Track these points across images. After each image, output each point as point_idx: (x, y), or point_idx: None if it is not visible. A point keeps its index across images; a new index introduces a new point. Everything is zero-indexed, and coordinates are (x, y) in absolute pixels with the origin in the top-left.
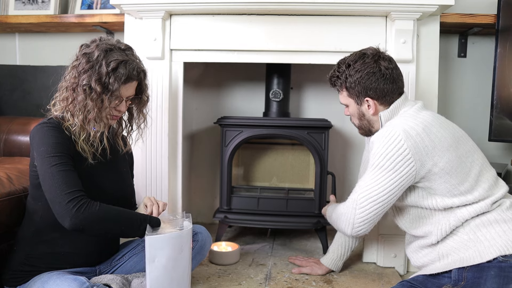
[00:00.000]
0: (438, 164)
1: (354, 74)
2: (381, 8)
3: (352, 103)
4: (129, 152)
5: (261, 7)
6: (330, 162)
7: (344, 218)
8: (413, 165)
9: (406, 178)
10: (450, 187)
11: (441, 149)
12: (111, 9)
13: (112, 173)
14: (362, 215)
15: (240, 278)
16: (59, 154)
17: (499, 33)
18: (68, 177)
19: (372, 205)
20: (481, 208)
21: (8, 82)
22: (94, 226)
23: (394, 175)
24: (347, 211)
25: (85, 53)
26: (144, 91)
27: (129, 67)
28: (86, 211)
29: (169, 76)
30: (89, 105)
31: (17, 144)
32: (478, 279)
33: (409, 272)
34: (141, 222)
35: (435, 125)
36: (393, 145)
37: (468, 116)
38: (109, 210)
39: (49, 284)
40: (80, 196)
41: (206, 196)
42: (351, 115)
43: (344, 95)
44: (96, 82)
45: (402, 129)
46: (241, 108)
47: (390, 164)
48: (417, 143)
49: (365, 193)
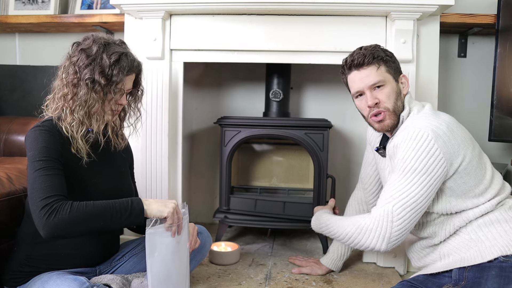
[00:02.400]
0: (463, 164)
1: (386, 51)
2: (381, 8)
3: (390, 80)
4: (128, 149)
5: (261, 7)
6: (330, 163)
7: (375, 234)
8: (445, 165)
9: (440, 179)
10: (467, 189)
11: (464, 147)
12: (111, 9)
13: (109, 173)
14: (401, 226)
15: (240, 278)
16: (44, 159)
17: (499, 33)
18: (48, 181)
19: (411, 213)
20: (486, 209)
21: (8, 82)
22: (70, 231)
23: (429, 178)
24: (379, 225)
25: (82, 49)
26: (139, 84)
27: (130, 59)
28: (56, 217)
29: (169, 76)
30: (92, 98)
31: (17, 144)
32: (479, 279)
33: (409, 272)
34: (122, 212)
35: (455, 124)
36: (423, 146)
37: (468, 116)
38: (82, 209)
39: (49, 284)
40: (53, 202)
41: (206, 196)
42: (387, 96)
43: (383, 70)
44: (99, 74)
45: (430, 129)
46: (241, 108)
47: (424, 166)
48: (446, 142)
49: (402, 202)
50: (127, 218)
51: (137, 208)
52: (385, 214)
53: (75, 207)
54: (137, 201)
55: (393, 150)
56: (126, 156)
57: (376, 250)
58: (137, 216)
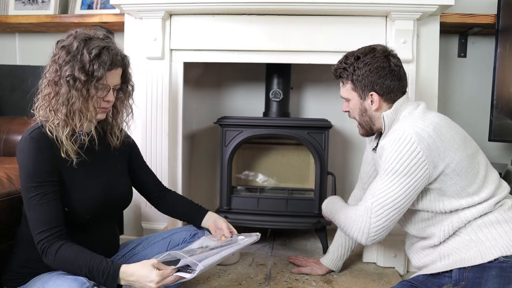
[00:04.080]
0: (450, 165)
1: (363, 67)
2: (381, 8)
3: (355, 97)
4: (125, 144)
5: (261, 7)
6: (330, 162)
7: (357, 227)
8: (427, 167)
9: (421, 182)
10: (459, 189)
11: (452, 149)
12: (111, 9)
13: (101, 174)
14: (378, 223)
15: (240, 278)
16: (35, 184)
17: (499, 33)
18: (40, 213)
19: (388, 212)
20: (484, 209)
21: (8, 82)
22: (60, 269)
23: (409, 179)
24: (360, 219)
25: (63, 45)
26: (129, 80)
27: (112, 53)
28: (46, 258)
29: (169, 76)
30: (73, 96)
31: (17, 144)
32: (479, 279)
33: (409, 272)
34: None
35: (444, 125)
36: (406, 148)
37: (468, 116)
38: (64, 261)
39: (49, 284)
40: (44, 240)
41: (206, 196)
42: (351, 110)
43: (348, 88)
44: (79, 70)
45: (414, 132)
46: (241, 108)
47: (405, 168)
48: (430, 145)
49: (380, 200)
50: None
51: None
52: (365, 210)
53: (60, 255)
54: (113, 279)
55: (380, 151)
56: (122, 153)
57: (357, 242)
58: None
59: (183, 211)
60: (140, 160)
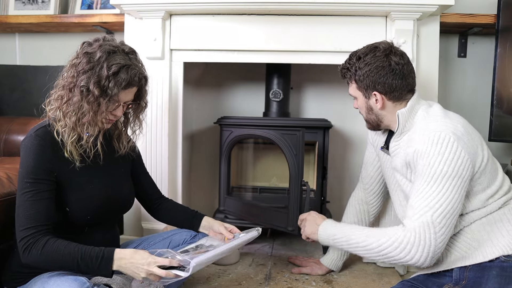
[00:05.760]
0: (482, 163)
1: (363, 67)
2: (381, 8)
3: (360, 96)
4: (132, 148)
5: (261, 7)
6: (330, 162)
7: (417, 248)
8: (471, 166)
9: (468, 181)
10: (480, 189)
11: (479, 147)
12: (111, 9)
13: (104, 178)
14: (443, 236)
15: (240, 278)
16: (31, 180)
17: (499, 33)
18: (31, 208)
19: (450, 220)
20: (491, 209)
21: (8, 82)
22: (42, 266)
23: (460, 181)
24: (421, 239)
25: (86, 52)
26: (143, 97)
27: (131, 73)
28: (30, 254)
29: (169, 76)
30: (84, 107)
31: (17, 144)
32: (480, 279)
33: (409, 272)
34: (89, 265)
35: (467, 124)
36: (448, 149)
37: (468, 116)
38: (52, 251)
39: (49, 284)
40: (29, 236)
41: (206, 196)
42: (359, 108)
43: (354, 87)
44: (94, 84)
45: (451, 132)
46: (241, 108)
47: (453, 170)
48: (467, 143)
49: (440, 210)
50: (94, 271)
51: (104, 270)
52: (425, 226)
53: (48, 247)
54: (107, 262)
55: (412, 156)
56: (127, 158)
57: (416, 265)
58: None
59: (180, 219)
60: (142, 167)
